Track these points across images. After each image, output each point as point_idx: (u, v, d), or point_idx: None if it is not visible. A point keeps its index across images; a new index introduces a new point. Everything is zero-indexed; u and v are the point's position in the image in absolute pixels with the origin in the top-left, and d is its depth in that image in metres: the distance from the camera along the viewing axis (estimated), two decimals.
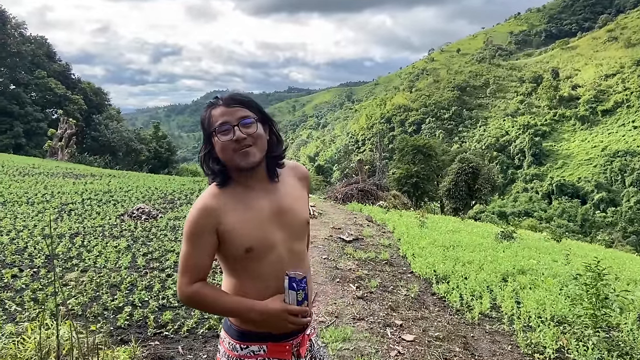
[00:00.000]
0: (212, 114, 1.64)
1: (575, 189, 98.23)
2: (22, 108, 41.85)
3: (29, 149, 39.21)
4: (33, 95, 45.46)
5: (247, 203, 1.67)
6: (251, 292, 1.66)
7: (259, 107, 1.68)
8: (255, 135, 1.60)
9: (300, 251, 1.75)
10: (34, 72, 44.69)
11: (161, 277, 5.60)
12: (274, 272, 1.66)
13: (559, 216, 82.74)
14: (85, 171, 17.93)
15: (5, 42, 41.08)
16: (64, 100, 44.15)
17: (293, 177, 1.82)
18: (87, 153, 37.50)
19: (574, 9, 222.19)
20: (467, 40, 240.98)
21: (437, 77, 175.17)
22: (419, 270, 7.19)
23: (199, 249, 1.60)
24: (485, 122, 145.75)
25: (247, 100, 1.66)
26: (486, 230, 12.74)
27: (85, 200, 10.61)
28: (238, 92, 1.70)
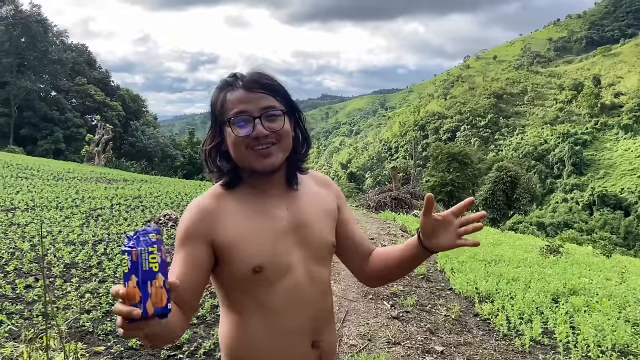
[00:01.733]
0: (227, 98, 1.26)
1: (618, 200, 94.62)
2: (62, 114, 42.96)
3: (69, 154, 40.15)
4: (73, 101, 46.70)
5: (259, 210, 1.29)
6: (259, 332, 1.26)
7: (287, 95, 1.32)
8: (281, 132, 1.25)
9: (322, 279, 1.35)
10: (74, 79, 45.89)
11: None
12: (289, 303, 1.27)
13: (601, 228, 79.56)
14: (118, 176, 17.99)
15: (47, 49, 42.31)
16: (102, 106, 45.15)
17: (315, 186, 1.44)
18: (124, 158, 38.18)
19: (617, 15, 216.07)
20: (504, 47, 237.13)
21: (473, 84, 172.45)
22: (459, 287, 6.65)
23: (183, 258, 1.20)
24: (523, 130, 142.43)
25: (275, 85, 1.29)
26: (529, 243, 12.00)
27: (114, 205, 10.46)
28: (263, 71, 1.30)
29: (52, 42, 43.80)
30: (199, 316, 4.59)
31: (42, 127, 41.53)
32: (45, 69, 43.90)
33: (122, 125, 46.26)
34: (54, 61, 43.22)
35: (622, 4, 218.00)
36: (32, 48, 41.80)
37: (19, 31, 40.37)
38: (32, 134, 41.17)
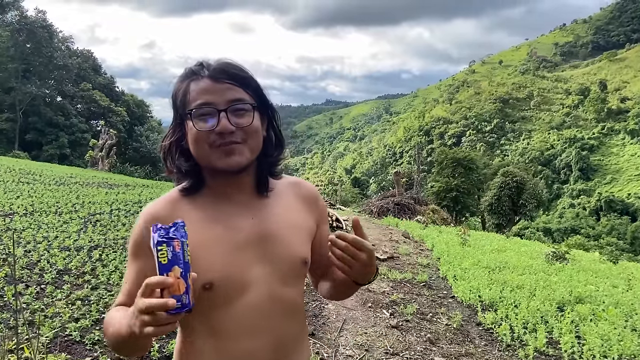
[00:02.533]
0: (190, 87, 1.10)
1: (624, 206, 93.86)
2: (67, 119, 43.12)
3: (73, 159, 40.26)
4: (79, 107, 46.88)
5: (219, 218, 1.13)
6: (210, 359, 1.11)
7: (260, 90, 1.15)
8: (248, 129, 1.08)
9: (289, 300, 1.16)
10: (79, 85, 46.10)
11: None
12: (246, 327, 1.10)
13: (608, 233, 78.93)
14: (120, 181, 17.93)
15: (52, 55, 42.52)
16: (107, 112, 45.30)
17: (293, 196, 1.26)
18: (129, 164, 38.23)
19: (622, 20, 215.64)
20: (510, 52, 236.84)
21: (478, 89, 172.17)
22: (461, 295, 6.49)
23: (135, 272, 1.08)
24: (529, 135, 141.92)
25: (244, 75, 1.12)
26: (534, 249, 11.82)
27: (114, 210, 10.37)
28: (233, 61, 1.14)
29: (57, 48, 44.02)
30: None
31: (48, 133, 41.68)
32: (50, 74, 44.13)
33: (126, 131, 46.39)
34: (59, 67, 43.44)
35: (628, 9, 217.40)
36: (38, 53, 42.02)
37: (25, 37, 40.59)
38: (38, 139, 41.34)
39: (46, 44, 41.71)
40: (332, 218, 11.77)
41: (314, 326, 4.94)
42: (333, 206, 27.91)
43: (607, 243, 61.65)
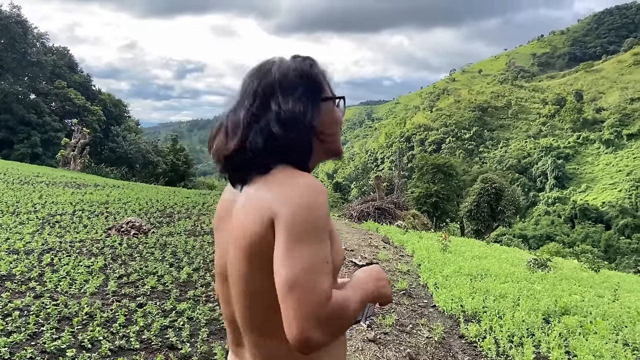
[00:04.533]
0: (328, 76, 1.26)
1: (599, 214, 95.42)
2: (40, 117, 41.77)
3: (46, 159, 38.96)
4: (53, 105, 45.51)
5: None
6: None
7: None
8: None
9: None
10: (54, 83, 44.75)
11: (129, 307, 4.62)
12: None
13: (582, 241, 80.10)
14: (90, 181, 17.21)
15: (26, 51, 41.16)
16: (83, 110, 44.03)
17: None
18: (104, 164, 37.19)
19: (599, 32, 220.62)
20: (489, 62, 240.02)
21: (458, 97, 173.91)
22: (442, 304, 6.11)
23: (328, 250, 1.03)
24: (507, 143, 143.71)
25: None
26: (515, 256, 11.55)
27: (77, 211, 9.76)
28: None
29: (31, 44, 42.63)
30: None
31: (19, 131, 40.30)
32: (24, 71, 42.73)
33: (102, 131, 45.19)
34: (33, 63, 42.06)
35: (605, 22, 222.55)
36: (11, 49, 40.62)
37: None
38: (9, 137, 39.93)
39: (20, 39, 40.34)
40: None
41: None
42: None
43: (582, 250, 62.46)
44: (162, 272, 5.94)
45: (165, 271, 6.03)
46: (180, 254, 7.01)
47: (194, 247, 7.51)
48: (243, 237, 1.09)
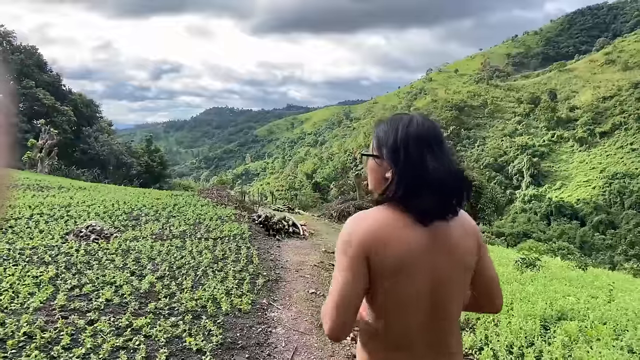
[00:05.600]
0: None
1: (574, 210, 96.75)
2: None
3: (15, 161, 37.56)
4: (20, 106, 43.90)
5: None
6: None
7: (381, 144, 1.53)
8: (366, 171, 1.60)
9: None
10: (21, 82, 43.17)
11: (77, 324, 3.99)
12: None
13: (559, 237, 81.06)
14: (55, 183, 16.32)
15: None
16: (52, 111, 42.56)
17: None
18: (75, 166, 35.93)
19: (571, 32, 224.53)
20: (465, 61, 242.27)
21: (435, 97, 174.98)
22: None
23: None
24: (484, 141, 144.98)
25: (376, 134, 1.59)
26: (502, 255, 11.16)
27: (35, 215, 8.99)
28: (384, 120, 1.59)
29: None
30: None
31: None
32: None
33: (73, 132, 43.80)
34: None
35: (577, 22, 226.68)
36: None
37: None
38: None
39: None
40: (288, 223, 10.78)
41: (258, 358, 3.93)
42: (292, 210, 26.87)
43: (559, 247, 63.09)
44: (121, 282, 5.31)
45: (125, 280, 5.39)
46: (143, 261, 6.37)
47: (160, 253, 6.87)
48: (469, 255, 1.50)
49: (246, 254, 7.32)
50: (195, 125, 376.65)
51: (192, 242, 7.73)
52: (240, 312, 4.90)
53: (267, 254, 7.77)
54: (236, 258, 7.04)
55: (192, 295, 5.16)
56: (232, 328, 4.45)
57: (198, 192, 15.69)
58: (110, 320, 4.19)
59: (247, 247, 7.79)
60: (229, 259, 6.95)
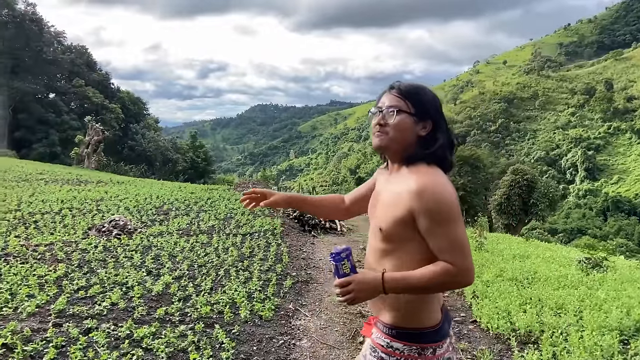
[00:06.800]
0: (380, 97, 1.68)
1: (632, 206, 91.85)
2: (58, 116, 41.47)
3: (64, 158, 38.61)
4: (72, 104, 45.22)
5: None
6: None
7: (422, 103, 1.61)
8: (391, 126, 1.58)
9: (374, 247, 1.64)
10: (72, 81, 44.43)
11: (70, 334, 3.45)
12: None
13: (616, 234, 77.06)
14: (95, 178, 16.29)
15: (41, 50, 40.80)
16: (101, 109, 43.63)
17: (407, 184, 1.54)
18: (123, 162, 36.62)
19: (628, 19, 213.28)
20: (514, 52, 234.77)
21: (483, 89, 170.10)
22: (486, 320, 4.80)
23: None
24: (534, 135, 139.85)
25: (410, 91, 1.62)
26: (562, 254, 10.11)
27: (64, 209, 8.71)
28: (411, 83, 1.65)
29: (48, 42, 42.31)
30: None
31: (38, 130, 40.03)
32: (40, 70, 42.42)
33: (121, 129, 44.76)
34: (49, 62, 41.74)
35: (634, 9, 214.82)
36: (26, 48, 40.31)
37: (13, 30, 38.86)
38: (27, 137, 39.69)
39: (35, 38, 40.01)
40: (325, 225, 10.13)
41: None
42: None
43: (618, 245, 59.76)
44: (133, 283, 4.78)
45: (138, 281, 4.87)
46: (164, 259, 5.85)
47: (183, 250, 6.35)
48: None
49: (275, 251, 6.70)
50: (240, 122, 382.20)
51: (220, 238, 7.18)
52: (261, 319, 4.27)
53: (299, 252, 7.13)
54: (264, 256, 6.44)
55: (209, 298, 4.58)
56: (249, 340, 3.81)
57: (235, 187, 15.24)
58: (110, 329, 3.64)
59: (278, 244, 7.18)
60: (256, 257, 6.35)
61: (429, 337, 1.53)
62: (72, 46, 48.18)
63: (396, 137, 1.57)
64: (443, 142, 1.57)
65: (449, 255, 1.44)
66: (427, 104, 1.58)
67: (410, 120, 1.56)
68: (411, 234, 1.50)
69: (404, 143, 1.57)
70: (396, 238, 1.53)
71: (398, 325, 1.55)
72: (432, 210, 1.43)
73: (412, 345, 1.52)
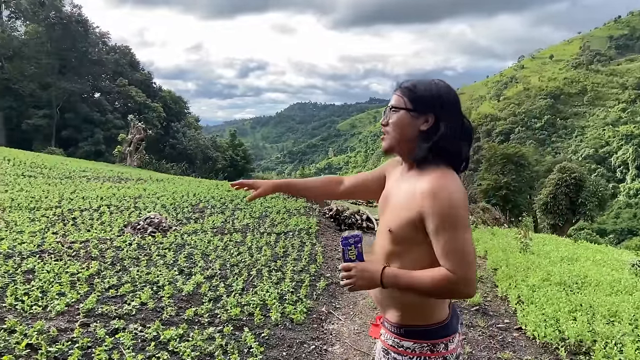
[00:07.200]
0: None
1: None
2: (103, 115, 42.75)
3: (109, 156, 39.82)
4: (116, 104, 46.56)
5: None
6: None
7: (421, 99, 1.56)
8: (390, 125, 1.59)
9: (382, 248, 1.59)
10: (116, 81, 45.72)
11: (97, 335, 3.38)
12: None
13: None
14: (135, 175, 16.58)
15: (87, 50, 42.12)
16: (143, 108, 44.73)
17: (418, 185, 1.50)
18: (164, 160, 37.40)
19: None
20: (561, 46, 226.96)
21: (528, 85, 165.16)
22: (532, 327, 4.48)
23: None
24: (582, 131, 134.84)
25: (405, 89, 1.59)
26: (613, 257, 9.53)
27: (102, 206, 8.81)
28: (415, 79, 1.62)
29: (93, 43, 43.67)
30: None
31: (83, 129, 41.38)
32: (86, 70, 43.81)
33: (163, 127, 45.74)
34: (95, 62, 43.10)
35: None
36: (73, 49, 41.71)
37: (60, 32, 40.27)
38: (74, 135, 41.08)
39: (81, 39, 41.38)
40: (362, 217, 9.92)
41: None
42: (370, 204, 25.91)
43: None
44: (163, 282, 4.71)
45: (169, 280, 4.80)
46: (196, 257, 5.78)
47: (216, 248, 6.27)
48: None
49: (310, 251, 6.53)
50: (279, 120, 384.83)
51: (254, 237, 7.08)
52: (292, 322, 4.11)
53: (334, 252, 6.94)
54: (298, 256, 6.28)
55: (240, 299, 4.45)
56: (279, 344, 3.65)
57: None
58: (137, 330, 3.55)
59: (312, 244, 7.01)
60: (290, 256, 6.20)
61: (438, 333, 1.51)
62: (117, 47, 49.60)
63: (396, 135, 1.56)
64: (445, 132, 1.51)
65: (450, 262, 1.41)
66: (427, 98, 1.54)
67: (407, 116, 1.54)
68: (421, 237, 1.47)
69: (405, 139, 1.55)
70: (405, 240, 1.50)
71: (405, 324, 1.53)
72: (440, 213, 1.41)
73: (423, 342, 1.50)
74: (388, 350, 1.55)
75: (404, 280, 1.44)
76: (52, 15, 39.85)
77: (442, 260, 1.42)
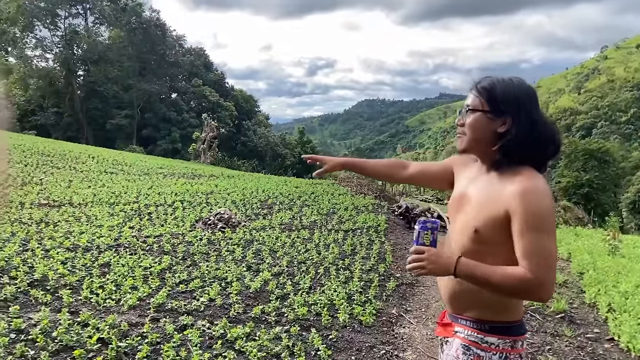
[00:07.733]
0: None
1: None
2: (179, 115, 44.58)
3: (185, 153, 41.51)
4: (192, 103, 48.42)
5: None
6: None
7: (496, 98, 1.51)
8: (466, 125, 1.56)
9: (462, 247, 1.55)
10: (191, 81, 47.51)
11: (166, 330, 3.39)
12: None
13: None
14: (208, 172, 17.05)
15: (165, 53, 44.06)
16: (217, 107, 46.20)
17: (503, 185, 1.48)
18: (236, 157, 38.48)
19: None
20: None
21: (612, 76, 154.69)
22: (626, 338, 4.06)
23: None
24: None
25: (485, 87, 1.55)
26: None
27: (176, 202, 9.07)
28: (494, 77, 1.57)
29: (170, 46, 45.62)
30: None
31: (161, 128, 43.35)
32: (163, 71, 45.86)
33: (235, 126, 47.03)
34: (172, 64, 45.01)
35: None
36: (152, 52, 43.81)
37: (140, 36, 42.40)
38: (153, 134, 43.14)
39: (159, 42, 43.37)
40: (433, 214, 9.60)
41: None
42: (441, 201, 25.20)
43: None
44: (232, 278, 4.70)
45: (237, 276, 4.78)
46: (264, 253, 5.76)
47: (284, 245, 6.22)
48: None
49: (379, 249, 6.34)
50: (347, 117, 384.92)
51: (321, 234, 6.98)
52: (360, 325, 3.95)
53: (404, 251, 6.70)
54: (366, 254, 6.11)
55: (307, 298, 4.34)
56: (347, 348, 3.50)
57: (338, 181, 15.10)
58: (205, 327, 3.53)
59: (381, 242, 6.81)
60: (358, 255, 6.04)
61: (519, 330, 1.53)
62: (192, 49, 51.53)
63: (473, 137, 1.54)
64: (516, 135, 1.47)
65: (529, 263, 1.38)
66: (505, 99, 1.50)
67: (484, 118, 1.51)
68: (504, 238, 1.44)
69: (482, 141, 1.53)
70: (490, 240, 1.48)
71: (489, 320, 1.52)
72: (529, 213, 1.38)
73: (506, 338, 1.50)
74: (469, 346, 1.53)
75: (478, 273, 1.41)
76: (133, 20, 42.04)
77: (522, 261, 1.39)
